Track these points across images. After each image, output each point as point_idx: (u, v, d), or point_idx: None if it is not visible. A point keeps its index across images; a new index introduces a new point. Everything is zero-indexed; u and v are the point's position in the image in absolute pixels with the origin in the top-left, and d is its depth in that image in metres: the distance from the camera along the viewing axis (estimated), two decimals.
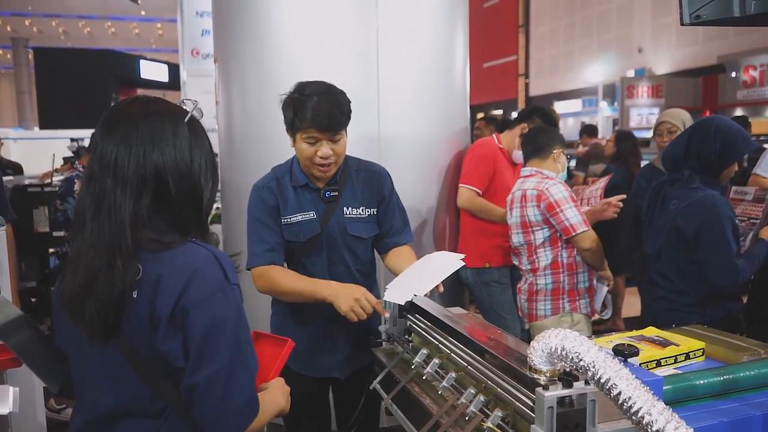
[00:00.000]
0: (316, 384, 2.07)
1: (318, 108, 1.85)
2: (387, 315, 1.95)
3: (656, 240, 2.44)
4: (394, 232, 2.07)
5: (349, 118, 1.95)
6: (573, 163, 6.09)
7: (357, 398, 1.98)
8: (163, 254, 1.11)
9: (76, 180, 3.67)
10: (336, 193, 1.99)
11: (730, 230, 2.29)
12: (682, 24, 1.30)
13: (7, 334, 1.19)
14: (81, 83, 14.98)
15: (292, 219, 1.98)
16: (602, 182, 4.46)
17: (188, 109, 1.20)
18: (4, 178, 5.83)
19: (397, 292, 1.77)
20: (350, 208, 2.01)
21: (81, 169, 3.75)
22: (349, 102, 1.95)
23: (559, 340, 1.12)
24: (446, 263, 1.86)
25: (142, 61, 17.66)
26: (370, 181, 2.05)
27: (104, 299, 1.08)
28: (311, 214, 1.98)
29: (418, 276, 1.84)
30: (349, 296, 1.81)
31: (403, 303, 1.75)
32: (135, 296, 1.09)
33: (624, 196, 2.87)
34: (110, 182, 1.11)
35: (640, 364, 1.55)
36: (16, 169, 7.46)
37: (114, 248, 1.09)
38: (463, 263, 1.88)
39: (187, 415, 1.12)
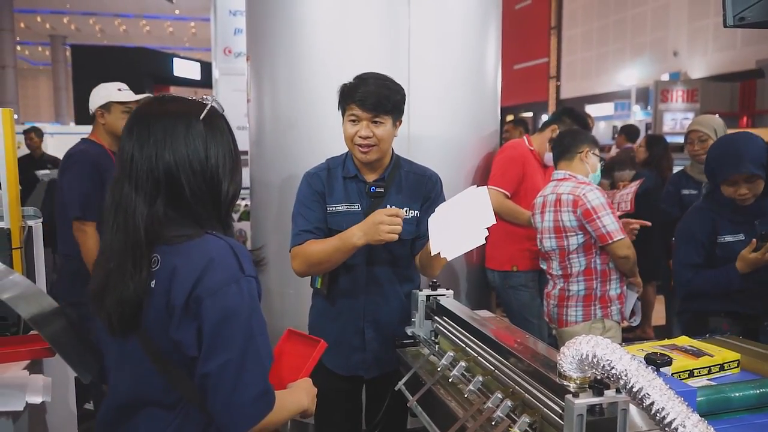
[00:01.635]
0: (343, 381, 2.07)
1: (366, 89, 1.90)
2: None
3: None
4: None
5: (399, 111, 1.97)
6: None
7: (385, 399, 1.98)
8: (181, 246, 1.14)
9: None
10: (381, 189, 2.01)
11: (686, 243, 2.46)
12: (726, 26, 1.26)
13: (42, 324, 1.21)
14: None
15: (337, 208, 2.01)
16: (633, 186, 4.38)
17: (208, 105, 1.22)
18: (41, 172, 5.98)
19: (450, 247, 1.73)
20: (393, 207, 2.00)
21: None
22: (403, 96, 1.98)
23: (591, 347, 1.10)
24: (475, 202, 1.78)
25: (175, 59, 17.90)
26: (419, 184, 2.07)
27: (118, 298, 1.12)
28: (356, 206, 2.01)
29: (457, 225, 1.78)
30: (375, 227, 1.80)
31: (462, 254, 1.72)
32: (153, 286, 1.12)
33: (647, 223, 2.82)
34: (127, 184, 1.15)
35: (672, 374, 1.51)
36: (56, 164, 7.64)
37: (127, 250, 1.13)
38: (485, 190, 1.81)
39: (202, 407, 1.14)
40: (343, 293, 2.03)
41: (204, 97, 1.24)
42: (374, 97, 1.89)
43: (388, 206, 2.01)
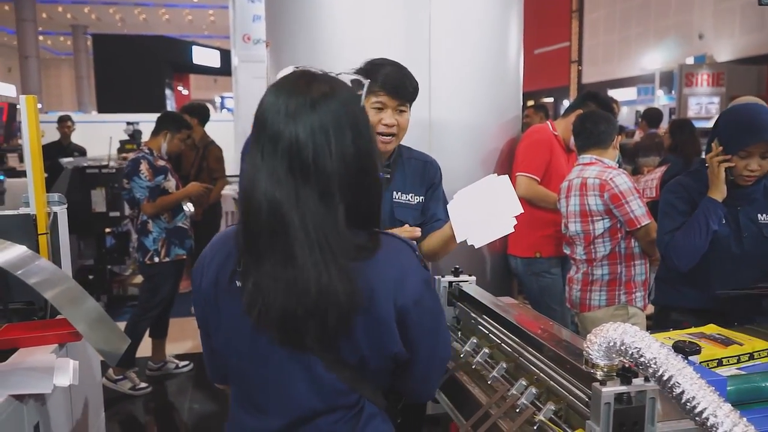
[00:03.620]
0: None
1: (390, 74, 1.87)
2: None
3: None
4: (436, 219, 2.06)
5: (415, 97, 1.95)
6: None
7: None
8: (371, 260, 1.04)
9: (141, 161, 3.78)
10: (388, 176, 1.99)
11: (665, 215, 2.19)
12: (761, 4, 1.22)
13: (68, 308, 1.22)
14: (137, 68, 15.40)
15: None
16: (658, 172, 4.31)
17: (365, 86, 1.12)
18: (65, 160, 6.07)
19: (477, 235, 1.70)
20: (400, 194, 2.01)
21: (147, 151, 3.87)
22: (418, 86, 1.95)
23: (619, 334, 1.08)
24: (499, 190, 1.75)
25: (194, 47, 17.98)
26: (422, 170, 2.06)
27: (329, 323, 1.00)
28: None
29: (482, 212, 1.74)
30: None
31: (490, 241, 1.71)
32: None
33: None
34: (309, 188, 0.98)
35: (700, 363, 1.48)
36: (81, 152, 7.76)
37: (330, 268, 0.98)
38: (507, 179, 1.77)
39: (377, 399, 1.14)
40: None
41: (341, 74, 1.10)
42: (400, 82, 1.87)
43: (394, 193, 1.99)
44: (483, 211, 1.74)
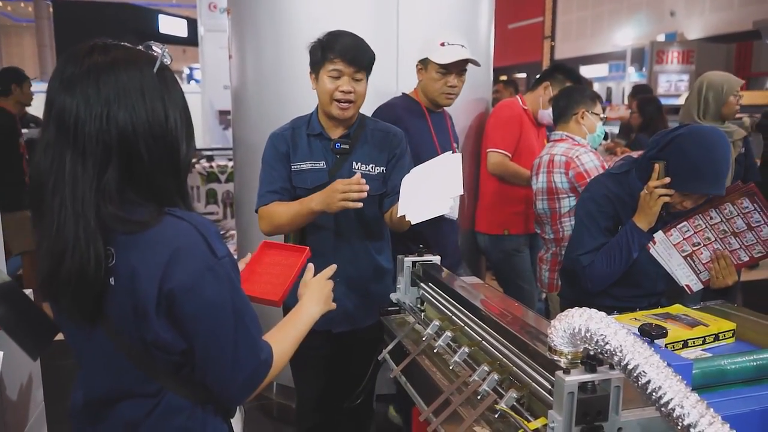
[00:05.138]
0: (317, 338, 2.02)
1: (347, 43, 1.91)
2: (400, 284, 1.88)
3: None
4: (398, 190, 2.01)
5: (372, 68, 1.97)
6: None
7: (361, 360, 1.96)
8: (138, 236, 0.99)
9: None
10: (347, 146, 2.00)
11: (585, 229, 1.99)
12: None
13: None
14: (100, 37, 14.87)
15: (301, 166, 2.00)
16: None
17: (156, 55, 1.04)
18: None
19: (415, 211, 1.73)
20: (360, 164, 2.01)
21: None
22: (374, 56, 1.98)
23: (584, 321, 1.03)
24: (448, 169, 1.79)
25: (161, 16, 17.42)
26: (384, 140, 2.05)
27: (76, 288, 0.98)
28: (321, 164, 2.00)
29: (426, 190, 1.78)
30: (331, 195, 1.79)
31: (426, 219, 1.72)
32: (112, 283, 1.00)
33: None
34: (70, 152, 0.98)
35: (665, 345, 1.46)
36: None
37: (79, 232, 0.97)
38: (459, 158, 1.80)
39: (185, 392, 1.08)
40: (313, 251, 1.97)
41: (147, 44, 1.07)
42: (355, 50, 1.90)
43: (354, 163, 2.01)
44: (427, 188, 1.78)
